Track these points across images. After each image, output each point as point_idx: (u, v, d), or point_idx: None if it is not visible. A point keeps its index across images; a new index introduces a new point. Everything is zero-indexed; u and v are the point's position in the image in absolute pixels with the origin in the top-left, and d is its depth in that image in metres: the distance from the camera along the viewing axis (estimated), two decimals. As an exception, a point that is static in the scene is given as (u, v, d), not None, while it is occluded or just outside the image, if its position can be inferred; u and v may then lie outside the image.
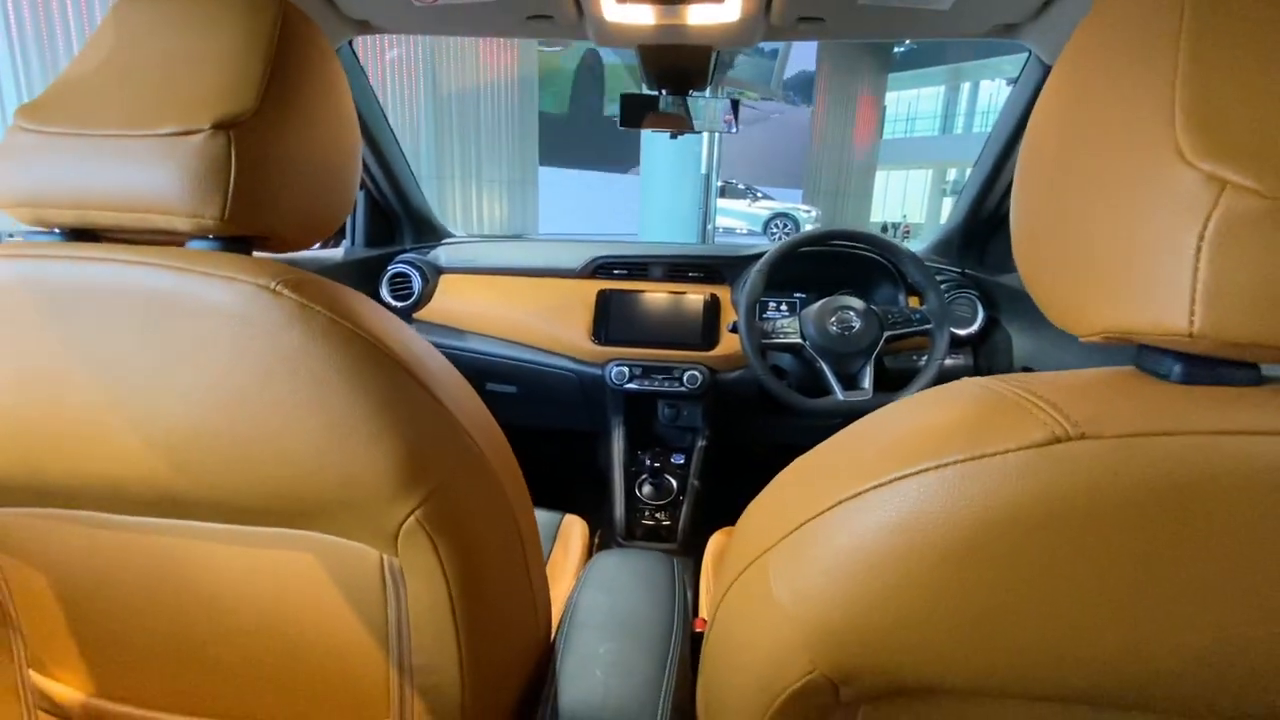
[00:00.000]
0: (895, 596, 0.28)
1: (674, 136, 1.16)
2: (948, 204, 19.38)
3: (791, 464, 0.41)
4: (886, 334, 1.06)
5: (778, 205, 11.30)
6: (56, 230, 0.43)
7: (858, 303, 1.08)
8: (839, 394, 1.04)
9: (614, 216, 9.32)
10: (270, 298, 0.37)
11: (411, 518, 0.40)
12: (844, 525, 0.29)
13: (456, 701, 0.46)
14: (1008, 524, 0.25)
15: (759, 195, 11.44)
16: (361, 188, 1.33)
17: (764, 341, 1.08)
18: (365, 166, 1.26)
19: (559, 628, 0.59)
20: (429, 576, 0.42)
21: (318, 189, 0.46)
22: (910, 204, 20.35)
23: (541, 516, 1.04)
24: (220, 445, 0.39)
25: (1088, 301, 0.28)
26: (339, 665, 0.47)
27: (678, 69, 1.04)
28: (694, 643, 0.60)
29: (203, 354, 0.37)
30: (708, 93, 1.16)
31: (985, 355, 1.24)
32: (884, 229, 17.05)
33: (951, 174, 19.06)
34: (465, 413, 0.44)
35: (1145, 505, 0.24)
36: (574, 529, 1.02)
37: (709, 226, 5.89)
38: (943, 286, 1.22)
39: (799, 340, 1.07)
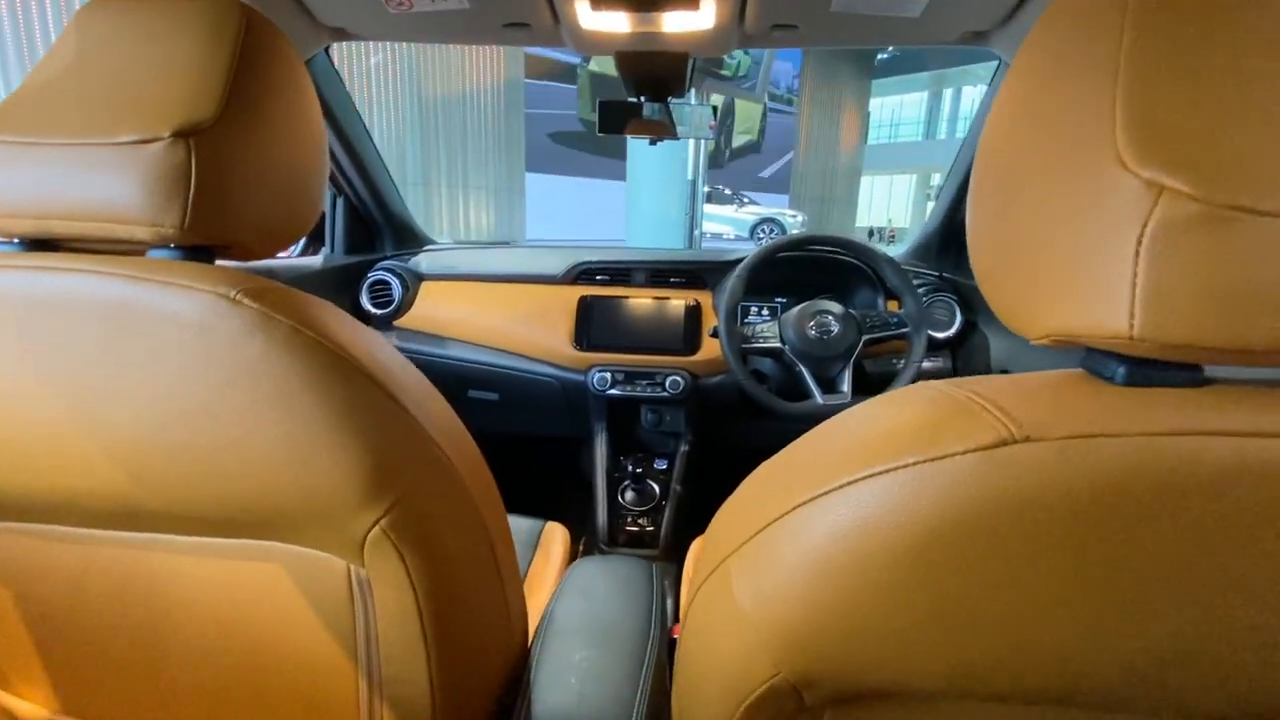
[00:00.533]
0: (852, 600, 0.28)
1: (653, 143, 1.16)
2: (931, 207, 19.57)
3: (757, 469, 0.41)
4: (865, 338, 1.07)
5: (764, 211, 11.37)
6: (16, 240, 0.43)
7: (836, 307, 1.08)
8: (818, 398, 1.04)
9: (605, 224, 9.33)
10: (230, 306, 0.36)
11: (377, 527, 0.40)
12: (802, 529, 0.30)
13: (427, 713, 0.46)
14: (959, 526, 0.25)
15: (745, 201, 11.50)
16: (340, 195, 1.32)
17: (744, 346, 1.08)
18: (344, 174, 1.26)
19: (535, 635, 0.59)
20: (396, 587, 0.42)
21: (281, 197, 0.45)
22: (895, 208, 20.56)
23: (522, 524, 1.04)
24: (182, 457, 0.38)
25: (1036, 304, 0.29)
26: (307, 677, 0.46)
27: (655, 76, 1.05)
28: (671, 648, 0.60)
29: (162, 364, 0.37)
30: (691, 99, 1.17)
31: (963, 357, 1.25)
32: (870, 234, 17.21)
33: (936, 179, 19.27)
34: (433, 421, 0.44)
35: (1088, 506, 0.24)
36: (555, 536, 1.01)
37: (696, 232, 5.91)
38: (921, 290, 1.23)
39: (779, 344, 1.08)
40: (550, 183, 9.34)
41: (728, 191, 11.34)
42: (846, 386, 1.05)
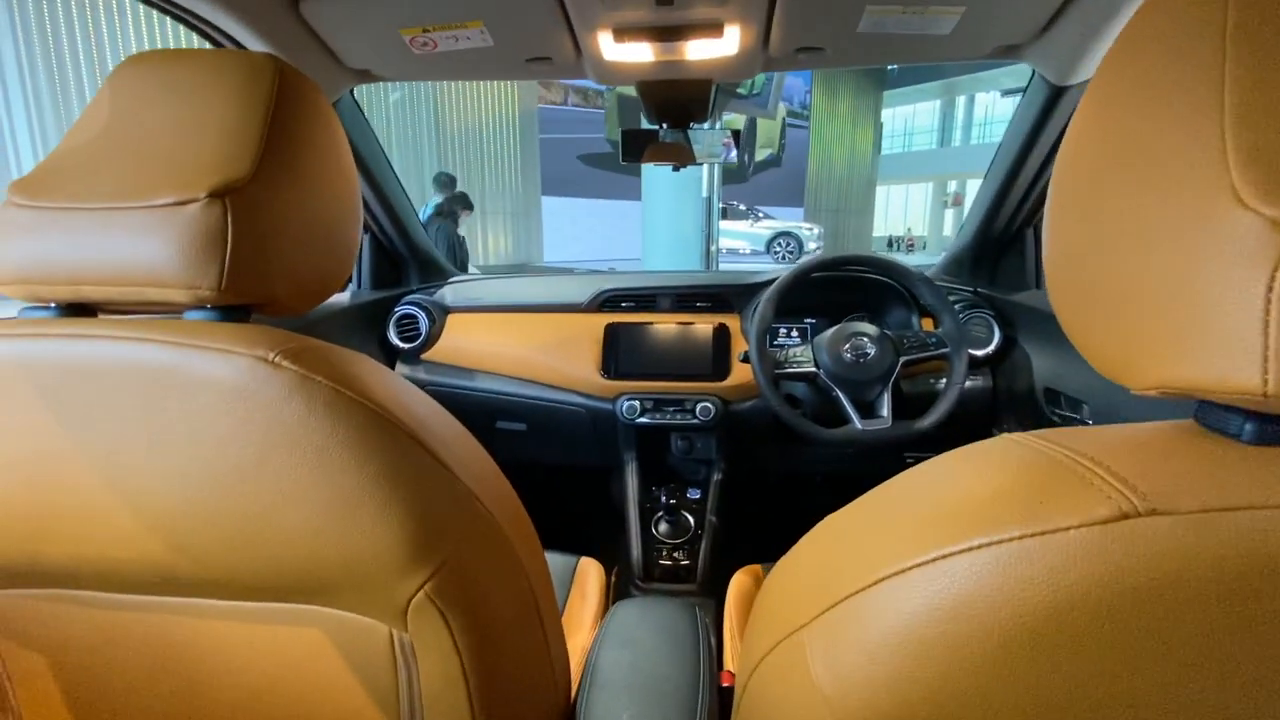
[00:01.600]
0: (946, 685, 0.25)
1: (676, 169, 1.16)
2: (949, 215, 19.43)
3: (822, 523, 0.38)
4: (903, 359, 1.04)
5: (779, 224, 11.35)
6: (52, 305, 0.42)
7: (871, 329, 1.05)
8: (857, 423, 1.01)
9: (623, 243, 9.38)
10: (268, 370, 0.35)
11: (421, 593, 0.38)
12: (889, 604, 0.27)
13: None
14: (1073, 609, 0.23)
15: (760, 215, 11.50)
16: (366, 230, 1.33)
17: (777, 371, 1.06)
18: (369, 209, 1.27)
19: (579, 688, 0.56)
20: (441, 651, 0.40)
21: (317, 250, 0.44)
22: (912, 216, 20.41)
23: (556, 560, 1.02)
24: (219, 524, 0.37)
25: (1141, 353, 0.26)
26: None
27: (678, 103, 1.04)
28: (721, 697, 0.57)
29: (200, 431, 0.36)
30: (706, 123, 1.16)
31: (1004, 375, 1.21)
32: (890, 243, 17.04)
33: (951, 185, 19.12)
34: (475, 477, 0.42)
35: (1226, 588, 0.21)
36: (590, 573, 0.99)
37: (712, 249, 5.91)
38: (956, 307, 1.20)
39: (813, 369, 1.05)
40: (570, 205, 9.44)
41: (742, 207, 11.35)
42: (886, 411, 1.02)
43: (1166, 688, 0.23)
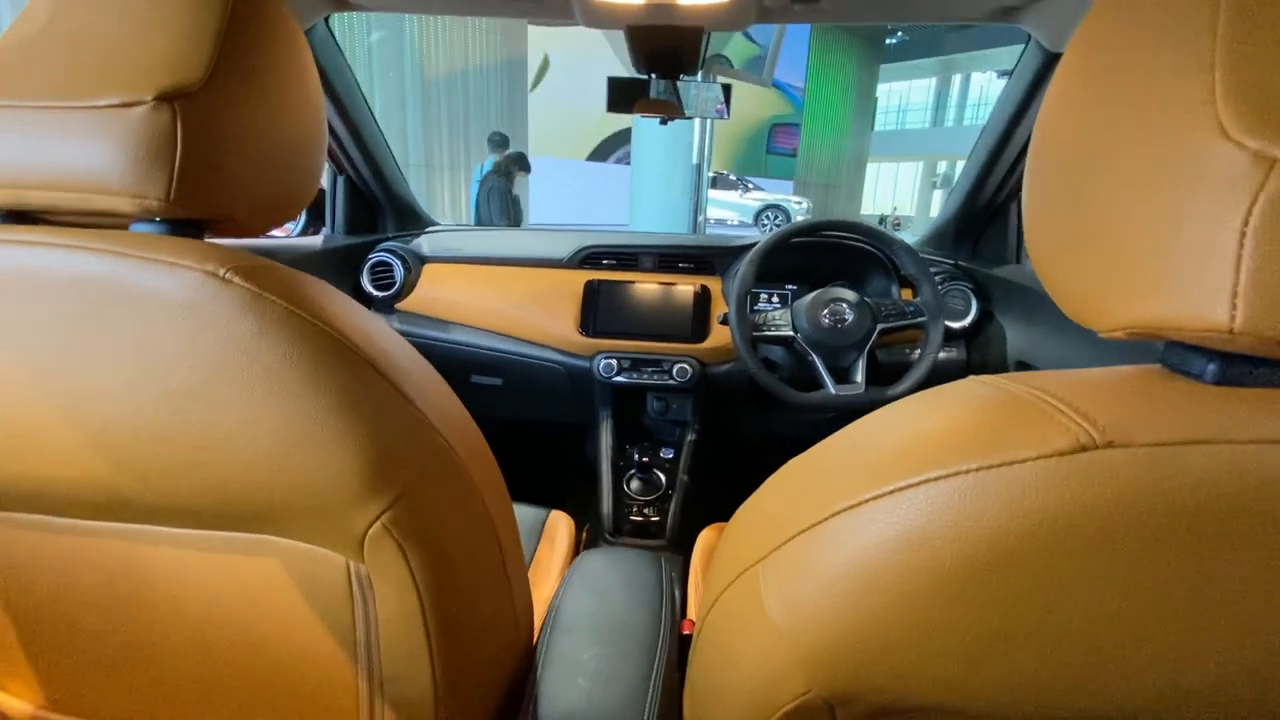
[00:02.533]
0: (900, 616, 0.25)
1: (664, 122, 1.13)
2: (938, 196, 19.45)
3: (783, 467, 0.38)
4: (880, 327, 1.04)
5: (769, 197, 11.27)
6: None
7: (850, 295, 1.05)
8: (831, 388, 1.01)
9: (609, 208, 9.23)
10: (219, 285, 0.33)
11: (378, 523, 0.38)
12: (842, 537, 0.27)
13: (429, 712, 0.44)
14: (1028, 539, 0.23)
15: (750, 186, 11.40)
16: (341, 173, 1.28)
17: (755, 334, 1.06)
18: (344, 152, 1.22)
19: (541, 632, 0.57)
20: (398, 584, 0.40)
21: (276, 170, 0.42)
22: (901, 196, 20.40)
23: (527, 512, 1.02)
24: (168, 446, 0.36)
25: (1110, 293, 0.26)
26: (305, 675, 0.44)
27: (667, 51, 1.01)
28: (682, 646, 0.58)
29: (145, 347, 0.34)
30: (699, 78, 1.13)
31: (978, 348, 1.22)
32: (880, 222, 17.06)
33: (942, 166, 19.11)
34: (436, 409, 0.41)
35: (1180, 520, 0.22)
36: (560, 525, 0.99)
37: (700, 218, 5.85)
38: (936, 278, 1.20)
39: (790, 333, 1.05)
40: (558, 166, 9.23)
41: (732, 177, 11.23)
42: (860, 377, 1.02)
43: (1117, 617, 0.23)
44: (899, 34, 16.88)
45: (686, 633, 0.65)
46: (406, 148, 7.54)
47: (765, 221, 10.93)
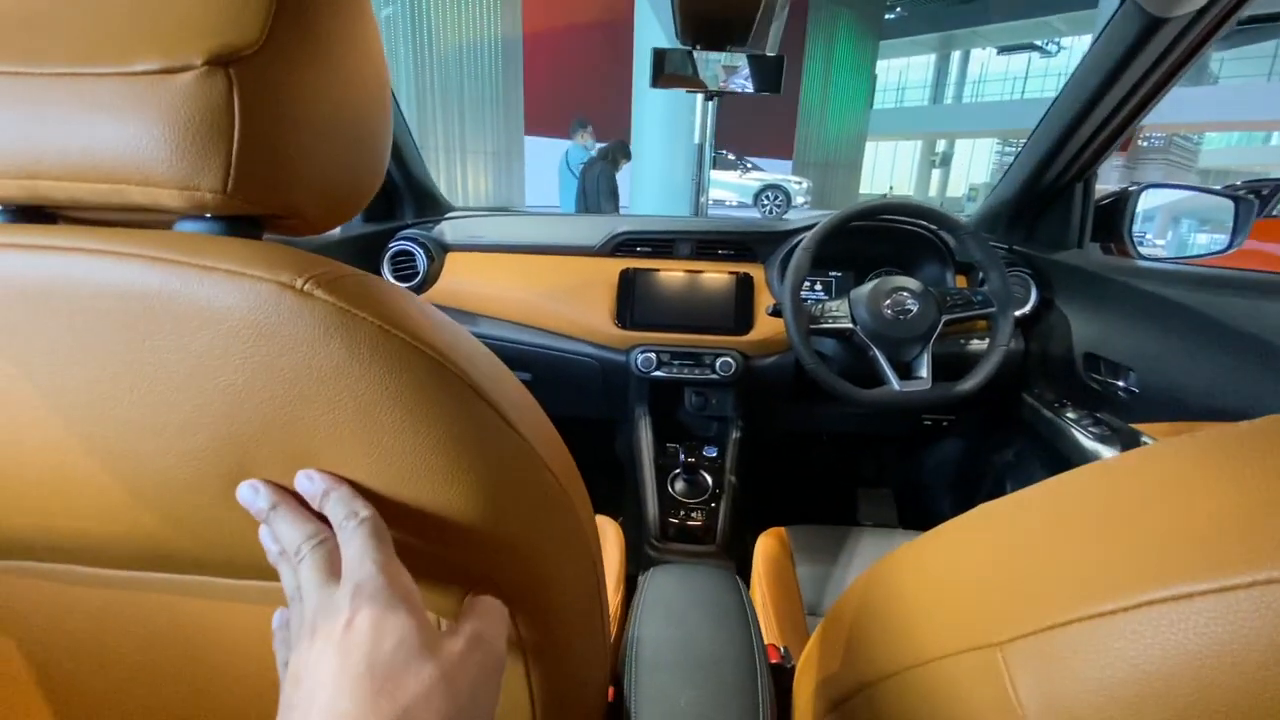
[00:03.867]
0: None
1: (709, 99, 1.04)
2: (936, 175, 19.28)
3: (981, 511, 0.32)
4: (945, 318, 0.97)
5: (768, 177, 11.11)
6: (0, 209, 0.32)
7: (914, 284, 0.98)
8: (895, 383, 0.95)
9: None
10: (298, 300, 0.26)
11: (485, 579, 0.31)
12: (1158, 634, 0.20)
13: None
14: None
15: (749, 166, 11.23)
16: None
17: (812, 327, 0.99)
18: None
19: (624, 665, 0.51)
20: None
21: (344, 150, 0.35)
22: (899, 174, 20.25)
23: None
24: (235, 501, 0.29)
25: None
26: None
27: (720, 20, 0.92)
28: (776, 679, 0.52)
29: (204, 378, 0.27)
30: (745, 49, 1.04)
31: (1038, 338, 1.16)
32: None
33: (940, 145, 18.92)
34: (539, 435, 0.34)
35: None
36: (609, 533, 0.93)
37: (702, 199, 5.73)
38: None
39: (849, 325, 0.98)
40: (554, 146, 9.05)
41: (731, 157, 11.07)
42: (925, 371, 0.96)
43: None
44: (898, 9, 16.59)
45: (775, 661, 0.60)
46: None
47: (765, 202, 10.79)
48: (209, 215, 0.30)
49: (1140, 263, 0.99)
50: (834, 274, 1.24)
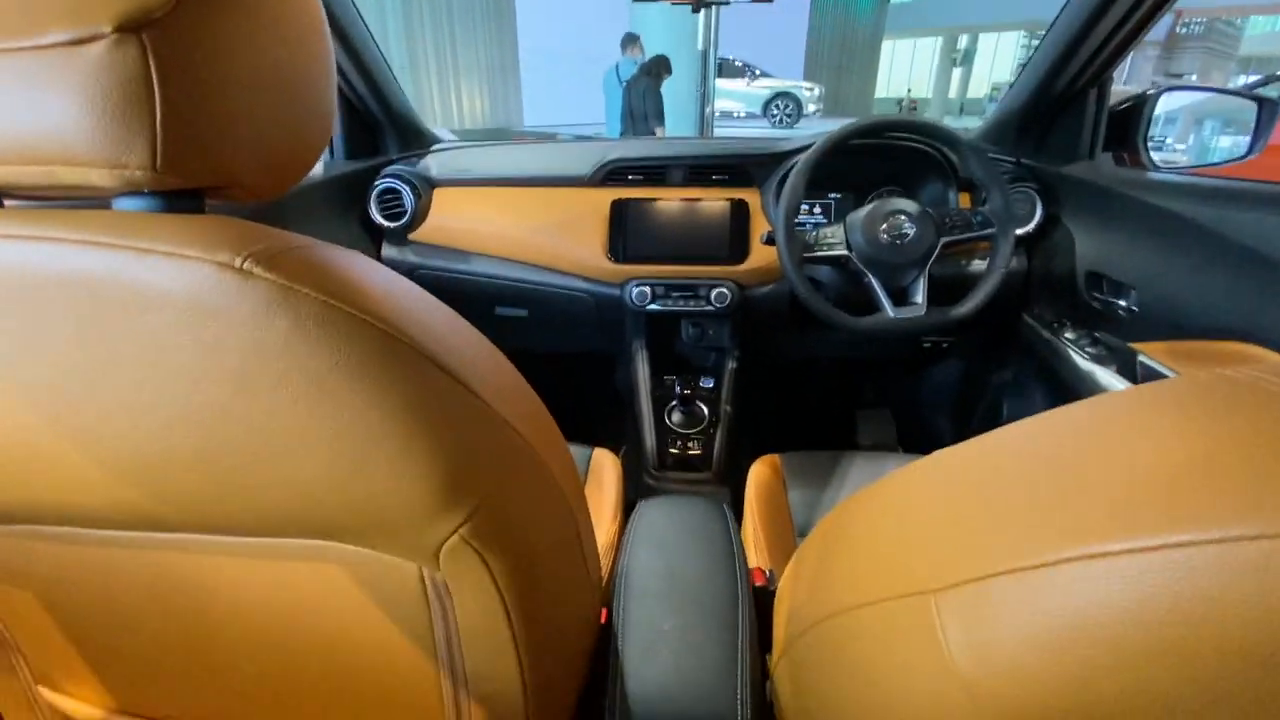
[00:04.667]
0: (1136, 694, 0.20)
1: (695, 9, 0.98)
2: (957, 75, 18.15)
3: (936, 458, 0.32)
4: (943, 240, 0.95)
5: (777, 83, 10.53)
6: None
7: (911, 206, 0.95)
8: (889, 310, 0.94)
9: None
10: (237, 280, 0.26)
11: (455, 536, 0.33)
12: (1076, 589, 0.21)
13: (520, 702, 0.41)
14: None
15: (757, 74, 10.63)
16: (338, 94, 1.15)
17: (805, 255, 0.97)
18: (339, 69, 1.09)
19: (613, 595, 0.54)
20: (479, 590, 0.36)
21: (285, 108, 0.33)
22: (917, 75, 19.09)
23: (571, 451, 0.98)
24: (201, 469, 0.30)
25: None
26: (382, 674, 0.41)
27: None
28: (757, 600, 0.55)
29: (157, 359, 0.28)
30: None
31: (1041, 256, 1.13)
32: (898, 106, 16.04)
33: (963, 41, 17.69)
34: (507, 400, 0.35)
35: None
36: (606, 465, 0.96)
37: (707, 110, 5.46)
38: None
39: (844, 251, 0.96)
40: (552, 60, 8.59)
41: (738, 63, 10.46)
42: (921, 297, 0.95)
43: None
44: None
45: (760, 584, 0.63)
46: (389, 49, 7.00)
47: (774, 111, 10.29)
48: (146, 190, 0.30)
49: (1150, 175, 0.94)
50: (833, 196, 1.20)
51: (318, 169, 1.15)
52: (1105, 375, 0.92)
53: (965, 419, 1.39)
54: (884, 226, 0.94)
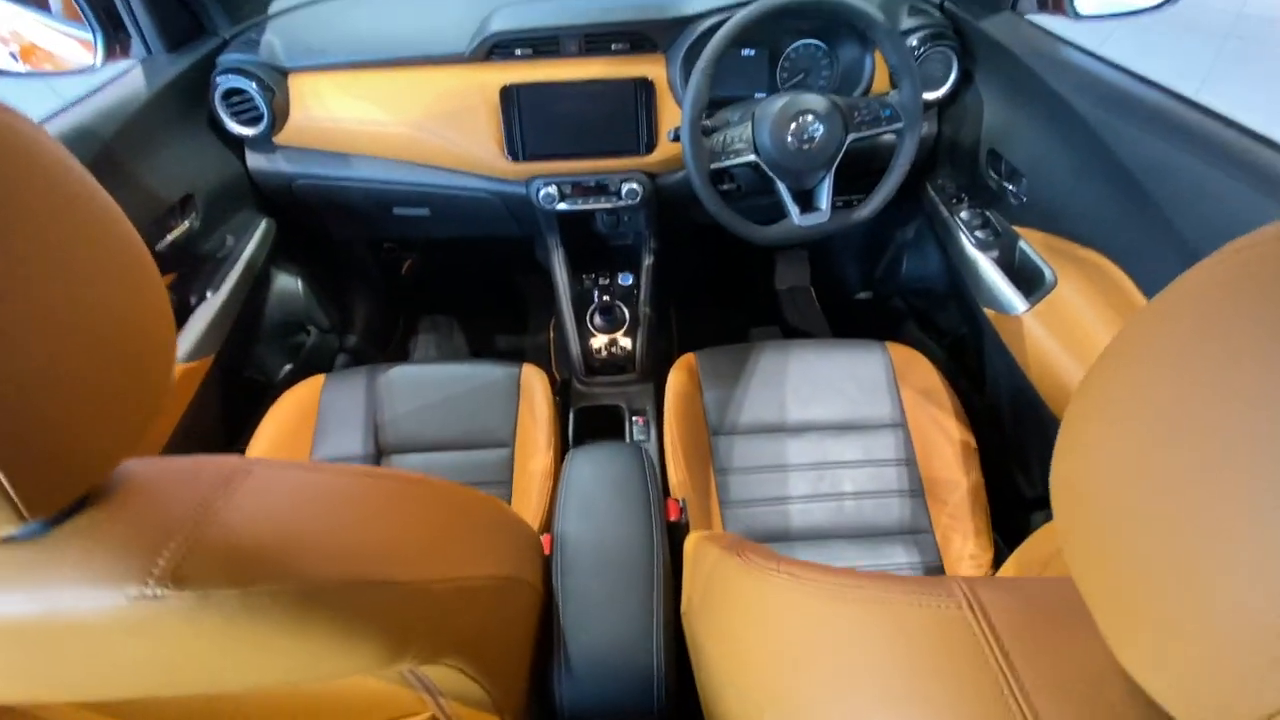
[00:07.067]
0: None
1: None
2: None
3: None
4: (850, 137, 0.92)
5: None
6: None
7: (819, 102, 0.90)
8: (794, 218, 0.94)
9: None
10: (152, 607, 0.29)
11: (407, 670, 0.41)
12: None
13: (488, 700, 0.53)
14: None
15: None
16: None
17: (714, 165, 0.93)
18: None
19: (554, 567, 0.63)
20: (459, 681, 0.44)
21: (117, 375, 0.30)
22: None
23: (498, 372, 1.03)
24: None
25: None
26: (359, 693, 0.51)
27: None
28: (671, 534, 0.67)
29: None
30: None
31: (951, 121, 1.11)
32: None
33: None
34: (428, 555, 0.40)
35: None
36: (534, 383, 1.01)
37: None
38: (920, 34, 1.01)
39: (752, 157, 0.92)
40: None
41: None
42: (825, 203, 0.94)
43: None
44: None
45: (673, 520, 0.75)
46: None
47: None
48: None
49: (1061, 50, 0.90)
50: (746, 52, 1.09)
51: (136, 73, 0.95)
52: (987, 265, 0.99)
53: (871, 265, 1.47)
54: (792, 127, 0.89)
